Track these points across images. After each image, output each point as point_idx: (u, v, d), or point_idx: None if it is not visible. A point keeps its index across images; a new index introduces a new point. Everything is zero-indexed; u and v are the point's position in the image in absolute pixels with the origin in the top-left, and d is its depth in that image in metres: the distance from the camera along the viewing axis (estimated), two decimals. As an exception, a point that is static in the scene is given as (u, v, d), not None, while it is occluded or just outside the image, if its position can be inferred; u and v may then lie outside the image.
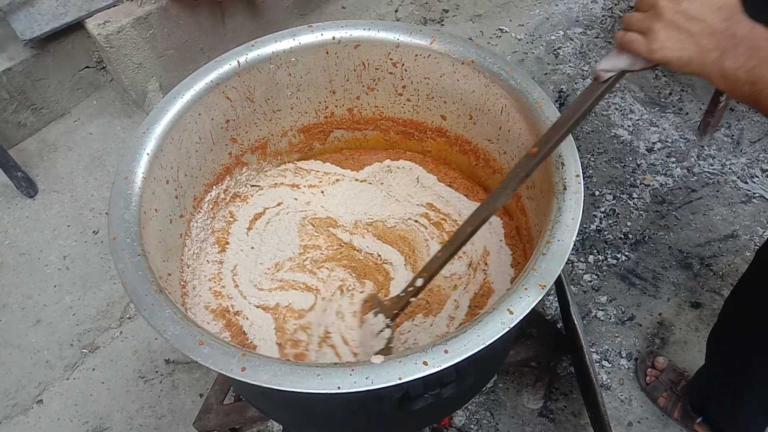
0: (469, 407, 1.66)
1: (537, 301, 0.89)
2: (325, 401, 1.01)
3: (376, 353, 0.98)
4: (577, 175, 1.03)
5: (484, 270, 1.29)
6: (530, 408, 1.66)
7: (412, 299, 1.05)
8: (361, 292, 1.26)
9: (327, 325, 1.19)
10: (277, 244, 1.36)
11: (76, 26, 2.26)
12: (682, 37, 0.72)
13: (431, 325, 1.20)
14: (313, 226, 1.40)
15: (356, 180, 1.49)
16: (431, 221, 1.38)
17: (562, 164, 1.06)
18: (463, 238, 1.00)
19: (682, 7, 0.71)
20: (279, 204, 1.44)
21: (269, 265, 1.32)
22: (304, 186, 1.48)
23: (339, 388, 0.81)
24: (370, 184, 1.48)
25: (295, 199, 1.45)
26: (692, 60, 0.72)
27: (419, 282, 1.03)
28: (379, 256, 1.33)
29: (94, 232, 2.12)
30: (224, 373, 0.84)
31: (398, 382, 0.81)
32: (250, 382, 0.83)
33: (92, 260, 2.05)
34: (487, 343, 0.84)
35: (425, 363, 0.82)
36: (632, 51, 0.77)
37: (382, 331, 1.04)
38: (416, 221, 1.39)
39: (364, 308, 1.16)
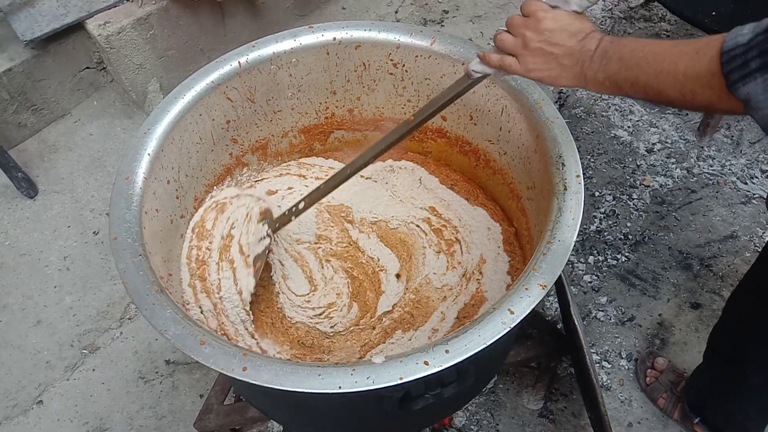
0: (470, 408, 1.67)
1: (538, 301, 0.89)
2: (325, 401, 1.01)
3: (255, 257, 1.19)
4: (578, 176, 1.04)
5: (477, 279, 1.29)
6: (530, 409, 1.66)
7: (293, 218, 1.25)
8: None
9: (233, 222, 1.25)
10: (297, 224, 1.37)
11: (77, 27, 2.26)
12: (548, 59, 0.88)
13: (410, 340, 1.21)
14: (329, 215, 1.42)
15: (361, 176, 1.49)
16: (432, 227, 1.39)
17: (563, 165, 1.06)
18: (341, 179, 1.18)
19: (544, 36, 0.87)
20: (289, 188, 1.46)
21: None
22: (311, 177, 1.49)
23: (340, 387, 0.81)
24: (375, 182, 1.49)
25: (306, 186, 1.46)
26: (560, 76, 0.88)
27: (301, 205, 1.23)
28: (378, 260, 1.34)
29: (94, 232, 2.12)
30: (225, 372, 0.84)
31: (399, 381, 0.81)
32: (251, 381, 0.83)
33: (92, 261, 2.05)
34: (488, 343, 0.84)
35: (426, 363, 0.83)
36: (511, 72, 0.95)
37: (263, 238, 1.22)
38: (417, 226, 1.39)
39: (259, 218, 1.26)
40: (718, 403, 1.45)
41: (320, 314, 1.26)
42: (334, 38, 1.33)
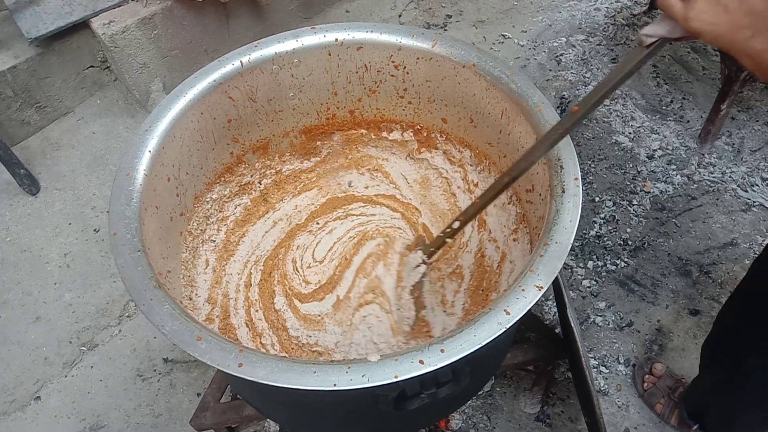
0: (466, 411, 1.66)
1: (533, 302, 0.89)
2: (321, 400, 1.01)
3: (412, 285, 1.18)
4: (576, 179, 1.04)
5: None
6: (527, 412, 1.66)
7: (448, 240, 1.20)
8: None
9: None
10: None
11: (81, 25, 2.27)
12: (718, 10, 0.71)
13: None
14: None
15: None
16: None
17: (561, 167, 1.06)
18: (500, 188, 1.07)
19: None
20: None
21: None
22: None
23: (335, 385, 0.81)
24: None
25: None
26: (723, 36, 0.72)
27: (456, 224, 1.16)
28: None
29: (95, 230, 2.13)
30: (221, 368, 0.84)
31: (394, 380, 0.81)
32: (246, 378, 0.83)
33: (93, 258, 2.05)
34: (484, 343, 0.85)
35: (421, 362, 0.83)
36: (669, 14, 0.77)
37: (418, 266, 1.22)
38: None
39: (410, 248, 1.28)
40: (718, 411, 1.44)
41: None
42: (336, 39, 1.34)
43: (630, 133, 2.32)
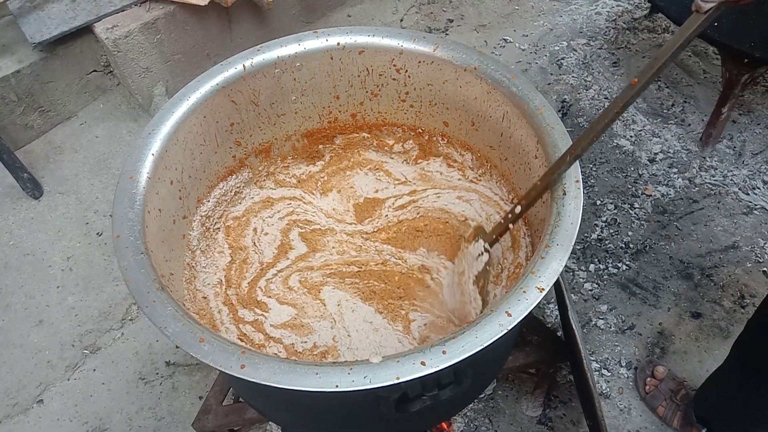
0: (468, 414, 1.66)
1: (535, 304, 0.89)
2: (323, 402, 1.02)
3: (476, 275, 1.15)
4: (577, 181, 1.04)
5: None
6: (529, 415, 1.66)
7: (510, 225, 1.17)
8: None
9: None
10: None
11: (85, 30, 2.28)
12: None
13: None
14: None
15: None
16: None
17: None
18: (562, 168, 1.04)
19: None
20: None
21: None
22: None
23: (337, 386, 0.82)
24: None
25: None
26: None
27: (518, 209, 1.14)
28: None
29: (98, 233, 2.13)
30: (224, 370, 0.85)
31: (396, 381, 0.82)
32: (249, 379, 0.84)
33: (95, 262, 2.06)
34: (485, 345, 0.85)
35: (423, 363, 0.83)
36: None
37: (481, 254, 1.18)
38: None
39: (469, 238, 1.24)
40: (731, 418, 1.43)
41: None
42: (338, 43, 1.35)
43: (631, 136, 2.32)
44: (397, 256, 1.36)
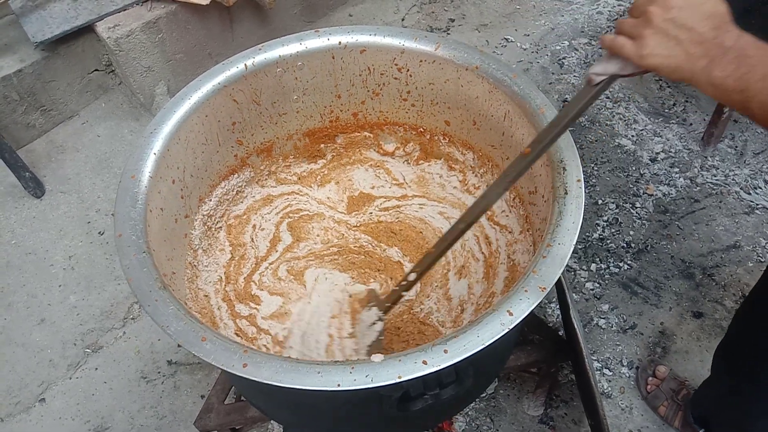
0: (470, 413, 1.67)
1: (536, 303, 0.89)
2: (325, 400, 1.02)
3: (368, 345, 1.06)
4: (578, 180, 1.04)
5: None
6: (530, 415, 1.66)
7: (404, 293, 1.10)
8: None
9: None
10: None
11: (87, 29, 2.29)
12: (670, 45, 0.73)
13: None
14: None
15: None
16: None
17: (564, 169, 1.07)
18: (455, 236, 1.02)
19: (672, 14, 0.72)
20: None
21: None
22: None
23: (339, 385, 0.82)
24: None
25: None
26: (681, 67, 0.73)
27: (411, 276, 1.08)
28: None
29: (99, 233, 2.14)
30: (226, 369, 0.85)
31: (398, 380, 0.82)
32: (251, 378, 0.84)
33: (97, 261, 2.06)
34: (487, 344, 0.85)
35: (425, 362, 0.83)
36: (622, 55, 0.78)
37: (374, 323, 1.10)
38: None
39: (362, 303, 1.19)
40: (727, 418, 1.43)
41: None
42: (340, 42, 1.35)
43: (633, 136, 2.32)
44: (374, 244, 1.42)
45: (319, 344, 1.16)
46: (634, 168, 2.22)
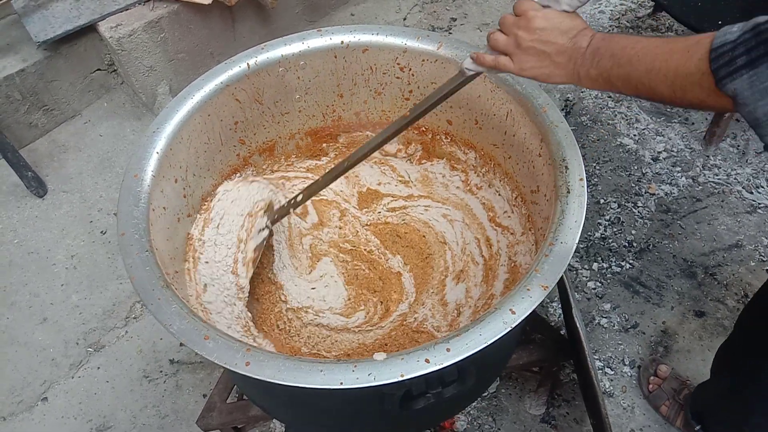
0: (471, 412, 1.67)
1: (539, 302, 0.90)
2: (327, 399, 1.02)
3: (253, 249, 1.20)
4: (581, 179, 1.05)
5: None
6: (532, 414, 1.66)
7: (291, 210, 1.27)
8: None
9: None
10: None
11: (89, 29, 2.29)
12: (541, 58, 0.90)
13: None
14: None
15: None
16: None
17: (566, 168, 1.07)
18: (340, 171, 1.19)
19: (536, 35, 0.89)
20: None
21: None
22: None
23: (341, 383, 0.82)
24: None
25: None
26: (553, 74, 0.90)
27: (299, 198, 1.24)
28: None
29: (102, 232, 2.14)
30: (228, 367, 0.85)
31: (400, 378, 0.82)
32: (253, 376, 0.84)
33: (99, 260, 2.07)
34: (489, 342, 0.85)
35: (427, 360, 0.83)
36: (505, 71, 0.96)
37: (262, 230, 1.23)
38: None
39: (259, 212, 1.27)
40: (724, 416, 1.43)
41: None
42: (342, 42, 1.35)
43: (635, 135, 2.32)
44: (381, 250, 1.42)
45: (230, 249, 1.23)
46: (636, 167, 2.22)
